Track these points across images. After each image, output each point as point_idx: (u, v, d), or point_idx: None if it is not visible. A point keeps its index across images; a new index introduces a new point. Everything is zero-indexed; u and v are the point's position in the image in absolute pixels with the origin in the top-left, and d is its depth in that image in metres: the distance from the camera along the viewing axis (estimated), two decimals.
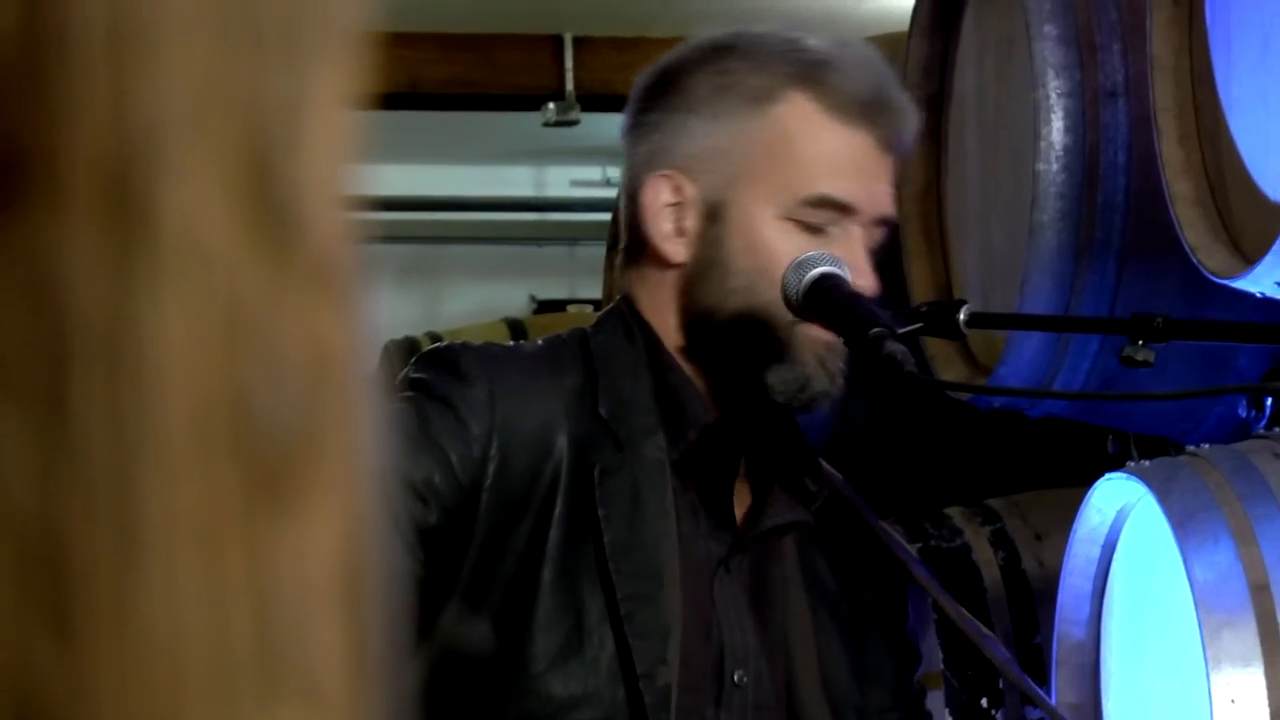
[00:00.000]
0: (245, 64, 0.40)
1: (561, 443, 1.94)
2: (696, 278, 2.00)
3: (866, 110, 1.98)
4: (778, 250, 1.96)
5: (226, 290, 0.40)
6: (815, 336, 1.96)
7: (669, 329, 2.02)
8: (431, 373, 1.94)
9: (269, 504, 0.41)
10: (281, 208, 0.40)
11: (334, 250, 0.40)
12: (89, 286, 0.39)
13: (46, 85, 0.42)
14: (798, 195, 1.97)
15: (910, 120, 2.02)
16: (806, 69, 1.99)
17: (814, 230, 1.97)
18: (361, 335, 0.40)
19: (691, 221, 2.00)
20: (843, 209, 1.97)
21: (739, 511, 2.01)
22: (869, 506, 2.09)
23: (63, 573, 0.40)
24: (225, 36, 0.40)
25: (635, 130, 2.06)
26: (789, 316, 1.96)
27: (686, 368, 2.00)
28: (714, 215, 1.99)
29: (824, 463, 2.10)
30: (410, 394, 1.93)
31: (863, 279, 1.96)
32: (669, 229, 2.01)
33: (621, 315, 2.04)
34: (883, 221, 2.01)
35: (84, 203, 0.41)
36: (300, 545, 0.41)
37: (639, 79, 2.09)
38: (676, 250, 2.01)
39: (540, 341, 2.05)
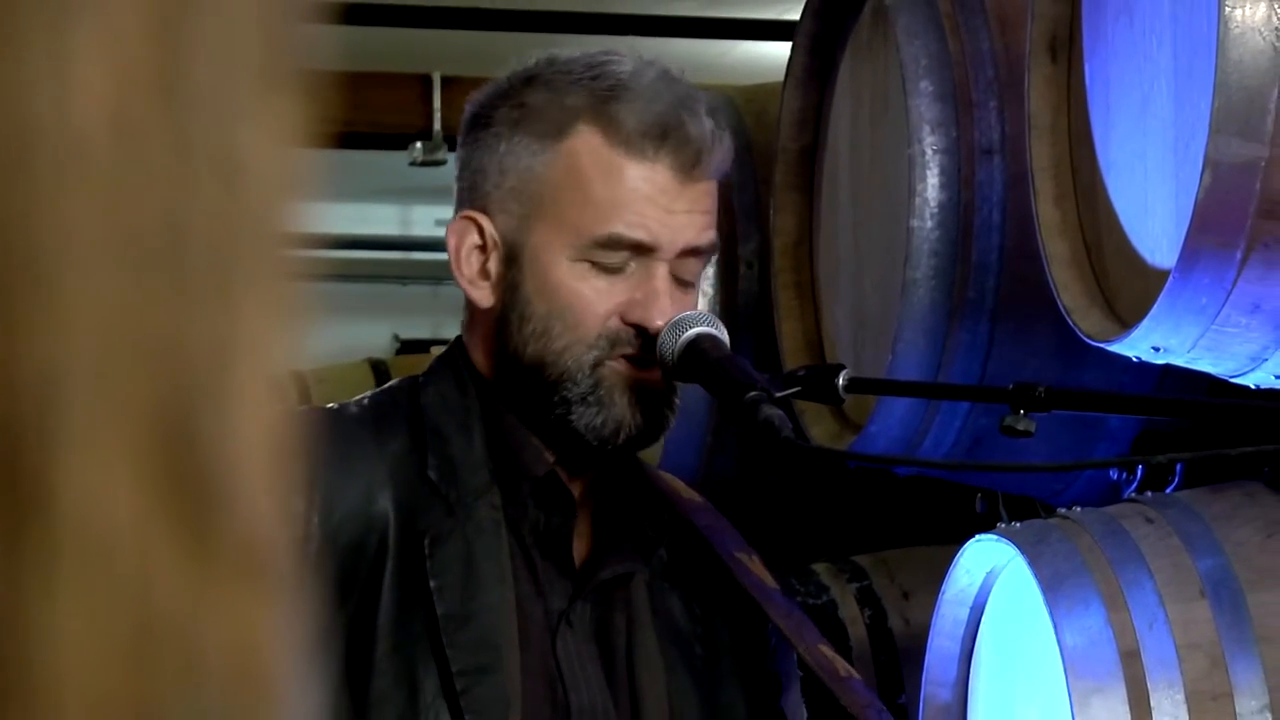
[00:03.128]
0: (163, 302, 0.31)
1: (386, 511, 1.87)
2: (502, 322, 1.94)
3: (657, 140, 1.91)
4: (572, 293, 1.90)
5: (136, 589, 0.32)
6: (627, 375, 1.90)
7: (492, 374, 1.96)
8: None
9: None
10: (204, 484, 0.32)
11: (266, 533, 0.32)
12: None
13: None
14: (589, 236, 1.91)
15: (710, 142, 1.93)
16: (598, 100, 1.92)
17: (611, 270, 1.91)
18: (293, 632, 0.33)
19: (494, 264, 1.95)
20: (637, 247, 1.91)
21: (578, 554, 1.95)
22: (739, 536, 2.04)
23: None
24: (138, 268, 0.32)
25: (457, 167, 2.01)
26: (590, 357, 1.90)
27: (518, 415, 1.94)
28: (512, 258, 1.94)
29: (688, 491, 2.05)
30: None
31: (658, 316, 1.90)
32: (474, 273, 1.96)
33: (453, 363, 1.98)
34: (694, 251, 1.94)
35: None
36: None
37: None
38: (483, 295, 1.96)
39: (366, 400, 1.97)
